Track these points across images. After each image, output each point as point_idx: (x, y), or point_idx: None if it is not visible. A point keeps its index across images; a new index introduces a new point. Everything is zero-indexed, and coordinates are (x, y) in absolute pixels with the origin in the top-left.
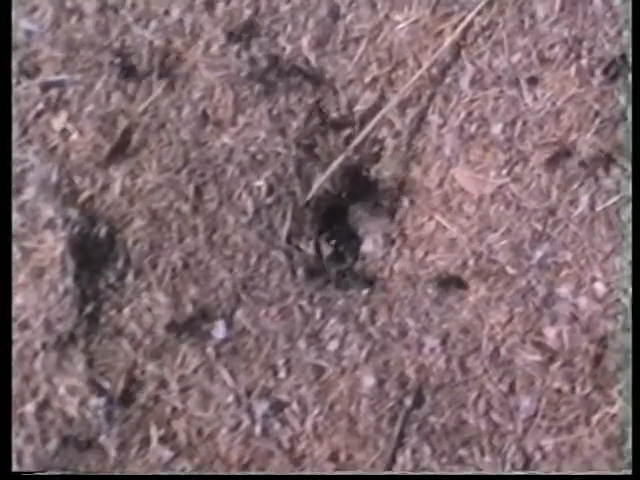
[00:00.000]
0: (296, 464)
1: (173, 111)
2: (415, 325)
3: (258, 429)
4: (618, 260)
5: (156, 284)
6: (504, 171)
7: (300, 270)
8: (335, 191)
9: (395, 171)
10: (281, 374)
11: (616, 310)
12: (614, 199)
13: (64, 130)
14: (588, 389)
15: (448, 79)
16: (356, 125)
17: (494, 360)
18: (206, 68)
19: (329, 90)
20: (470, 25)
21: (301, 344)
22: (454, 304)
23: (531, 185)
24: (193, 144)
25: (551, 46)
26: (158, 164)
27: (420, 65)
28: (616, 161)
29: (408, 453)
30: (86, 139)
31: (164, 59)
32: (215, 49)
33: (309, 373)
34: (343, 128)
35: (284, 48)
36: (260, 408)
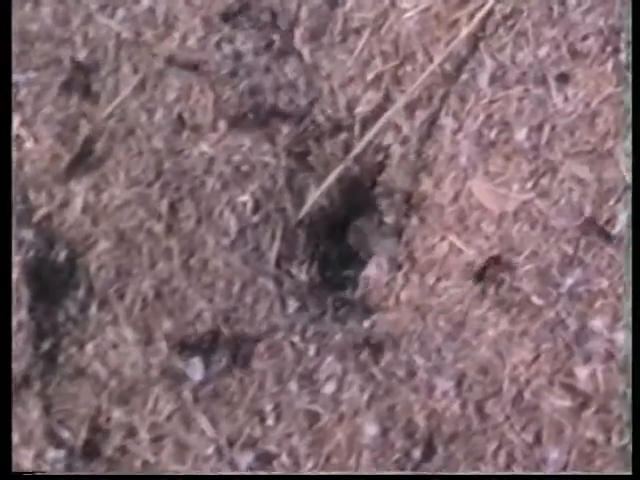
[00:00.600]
0: None
1: (143, 115)
2: (425, 364)
3: None
4: None
5: (124, 317)
6: (529, 184)
7: (291, 300)
8: (332, 207)
9: (402, 184)
10: (269, 421)
11: None
12: None
13: (17, 137)
14: (626, 439)
15: (464, 76)
16: (357, 130)
17: (517, 405)
18: (182, 64)
19: (325, 89)
20: (490, 13)
21: (292, 386)
22: (471, 339)
23: (560, 201)
24: (167, 153)
25: (584, 38)
26: (126, 177)
27: (431, 60)
28: None
29: None
30: (42, 147)
31: (133, 54)
32: (192, 42)
33: (301, 420)
34: (341, 133)
35: (273, 41)
36: (244, 460)
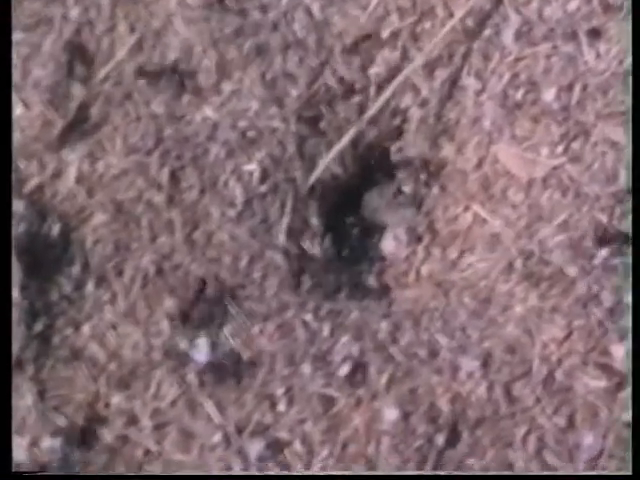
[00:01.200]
0: None
1: (141, 78)
2: (448, 343)
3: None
4: None
5: (122, 295)
6: (559, 148)
7: (303, 275)
8: (346, 175)
9: (422, 149)
10: (280, 406)
11: None
12: None
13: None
14: None
15: (487, 32)
16: (371, 92)
17: (548, 387)
18: (182, 22)
19: (337, 48)
20: None
21: (305, 368)
22: (497, 316)
23: (593, 165)
24: (167, 119)
25: None
26: (123, 144)
27: (452, 15)
28: None
29: None
30: (33, 113)
31: (130, 11)
32: None
33: (315, 405)
34: (355, 96)
35: None
36: (254, 449)
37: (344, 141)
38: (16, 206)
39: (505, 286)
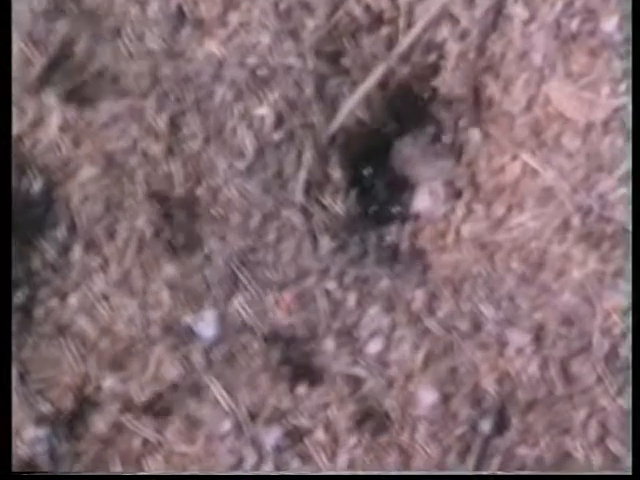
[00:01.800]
0: None
1: (134, 6)
2: (494, 315)
3: (268, 469)
4: None
5: (115, 261)
6: (621, 86)
7: (324, 237)
8: (373, 121)
9: (461, 89)
10: (300, 389)
11: None
12: None
13: None
14: None
15: None
16: (402, 23)
17: (611, 363)
18: None
19: None
20: None
21: (328, 344)
22: (551, 283)
23: None
24: (165, 55)
25: None
26: (114, 86)
27: None
28: None
29: None
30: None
31: None
32: None
33: (341, 387)
34: (383, 27)
35: None
36: (270, 438)
37: (370, 81)
38: None
39: (560, 248)
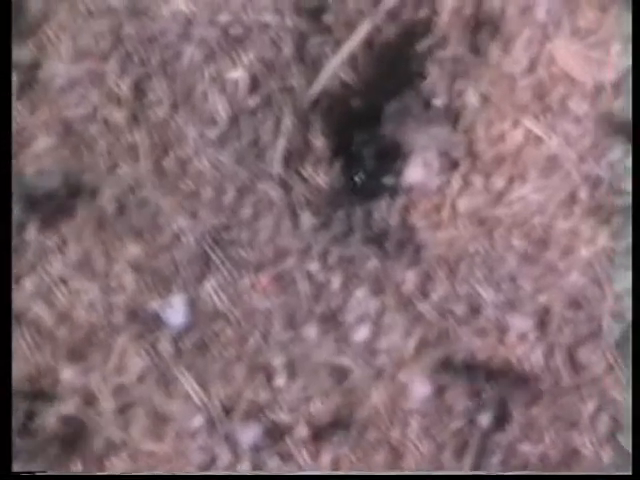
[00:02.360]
0: None
1: None
2: (495, 297)
3: (244, 468)
4: None
5: (74, 240)
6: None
7: (305, 213)
8: (359, 83)
9: (456, 47)
10: (279, 380)
11: None
12: None
13: None
14: None
15: None
16: None
17: (623, 350)
18: None
19: None
20: None
21: (310, 331)
22: (556, 262)
23: None
24: (127, 13)
25: None
26: (72, 46)
27: None
28: None
29: None
30: None
31: None
32: None
33: (324, 378)
34: None
35: None
36: (247, 436)
37: (355, 39)
38: None
39: (566, 223)
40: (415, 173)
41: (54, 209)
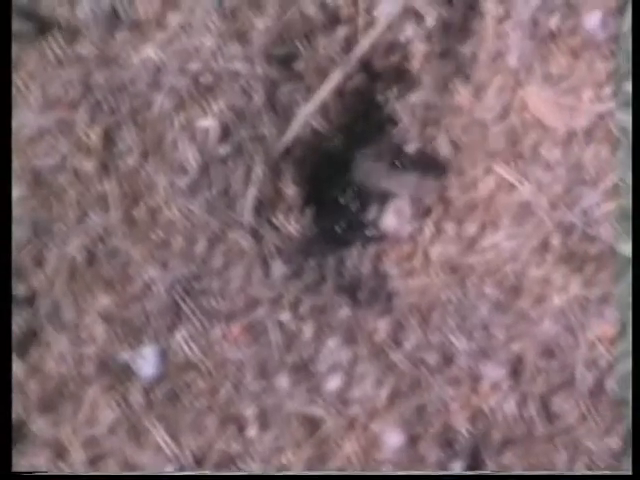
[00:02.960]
0: None
1: (63, 7)
2: (467, 346)
3: None
4: None
5: (44, 290)
6: (606, 90)
7: (276, 262)
8: (330, 131)
9: (428, 95)
10: (251, 431)
11: None
12: None
13: None
14: None
15: None
16: (361, 21)
17: (597, 398)
18: None
19: None
20: None
21: (282, 381)
22: (529, 310)
23: None
24: (97, 60)
25: None
26: (41, 95)
27: None
28: None
29: None
30: None
31: None
32: None
33: (296, 428)
34: (340, 26)
35: None
36: None
37: (327, 87)
38: None
39: (538, 271)
40: (387, 220)
41: (23, 259)
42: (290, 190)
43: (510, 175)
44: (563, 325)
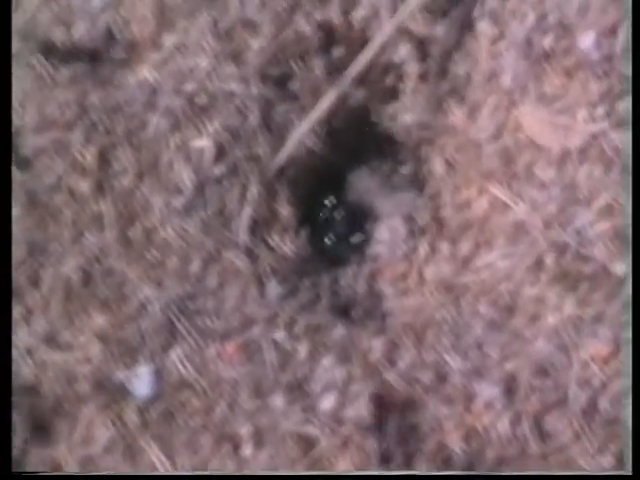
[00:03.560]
0: None
1: (56, 24)
2: (461, 365)
3: None
4: None
5: (40, 310)
6: (600, 110)
7: (271, 282)
8: (325, 151)
9: (422, 115)
10: (246, 450)
11: None
12: None
13: None
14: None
15: None
16: (356, 42)
17: (591, 417)
18: None
19: None
20: None
21: (277, 401)
22: (523, 329)
23: None
24: (92, 81)
25: None
26: (37, 116)
27: None
28: None
29: None
30: None
31: None
32: None
33: (291, 447)
34: (334, 47)
35: None
36: None
37: (321, 107)
38: None
39: (532, 290)
40: (382, 240)
41: (19, 279)
42: (285, 210)
43: (504, 195)
44: (557, 344)
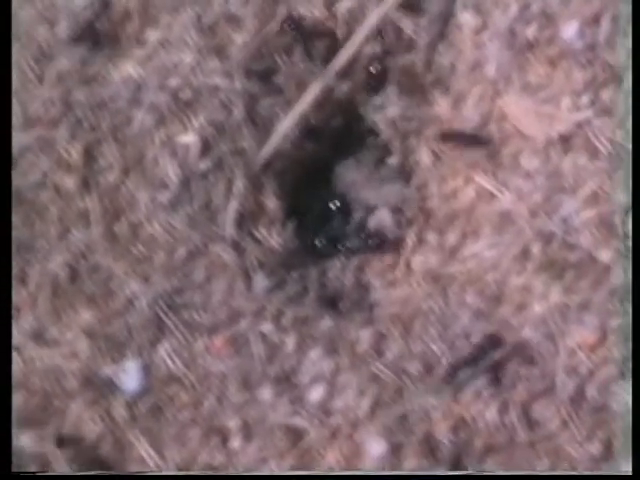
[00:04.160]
0: None
1: (41, 23)
2: (449, 354)
3: None
4: None
5: (27, 306)
6: (584, 98)
7: (258, 275)
8: (311, 144)
9: (407, 107)
10: (234, 442)
11: None
12: None
13: None
14: None
15: None
16: (340, 34)
17: (578, 404)
18: None
19: None
20: None
21: (265, 393)
22: (510, 318)
23: (627, 119)
24: (77, 78)
25: None
26: (22, 113)
27: None
28: None
29: None
30: None
31: None
32: None
33: (280, 439)
34: (319, 39)
35: None
36: None
37: (306, 100)
38: None
39: (519, 279)
40: (369, 231)
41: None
42: (271, 203)
43: (490, 185)
44: (544, 333)
